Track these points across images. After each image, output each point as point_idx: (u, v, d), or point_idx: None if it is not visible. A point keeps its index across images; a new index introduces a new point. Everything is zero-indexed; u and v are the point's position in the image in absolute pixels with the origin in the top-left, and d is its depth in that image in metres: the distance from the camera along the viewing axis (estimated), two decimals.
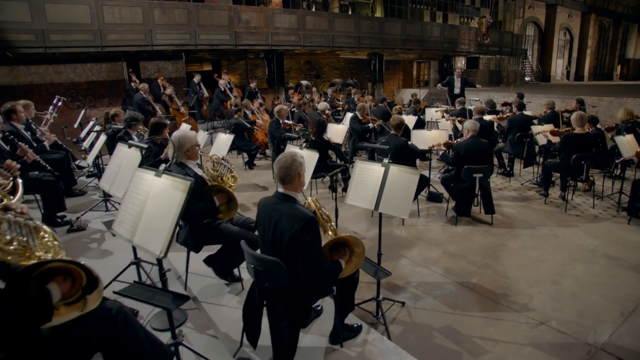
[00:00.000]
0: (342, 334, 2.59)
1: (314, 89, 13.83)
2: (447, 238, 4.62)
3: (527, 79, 25.55)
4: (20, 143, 4.27)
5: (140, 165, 2.38)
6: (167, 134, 4.35)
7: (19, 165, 2.79)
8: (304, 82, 15.56)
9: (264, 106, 11.00)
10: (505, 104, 9.39)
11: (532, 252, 4.25)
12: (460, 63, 21.78)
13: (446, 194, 5.51)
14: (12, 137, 4.28)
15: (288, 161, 2.21)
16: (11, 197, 2.39)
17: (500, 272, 3.86)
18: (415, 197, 5.24)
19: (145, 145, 2.68)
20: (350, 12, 17.24)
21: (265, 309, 2.39)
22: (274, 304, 2.28)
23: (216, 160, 3.18)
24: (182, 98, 12.10)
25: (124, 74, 12.80)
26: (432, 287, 3.63)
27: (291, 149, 4.12)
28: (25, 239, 1.58)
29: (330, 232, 2.39)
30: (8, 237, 1.52)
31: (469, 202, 5.05)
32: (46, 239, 1.66)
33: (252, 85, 12.15)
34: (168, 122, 4.68)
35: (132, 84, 10.69)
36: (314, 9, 16.53)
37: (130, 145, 2.85)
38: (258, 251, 2.41)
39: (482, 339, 2.94)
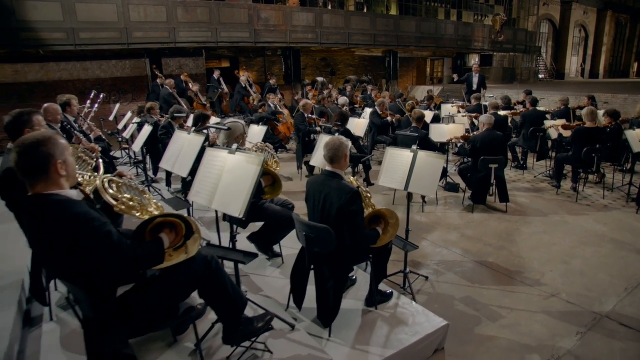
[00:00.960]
0: (376, 298, 2.97)
1: (330, 85, 14.20)
2: (465, 223, 4.97)
3: (541, 76, 25.55)
4: (76, 132, 4.72)
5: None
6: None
7: (100, 148, 3.22)
8: (320, 79, 15.90)
9: (283, 102, 11.42)
10: (518, 103, 9.63)
11: (544, 237, 4.58)
12: (474, 60, 21.92)
13: (462, 185, 5.85)
14: (69, 126, 4.72)
15: (337, 144, 2.60)
16: (95, 174, 2.82)
17: (514, 253, 4.20)
18: None
19: (227, 128, 3.06)
20: (365, 10, 17.51)
21: (312, 273, 2.78)
22: (321, 266, 2.67)
23: (261, 146, 3.58)
24: (202, 93, 12.56)
25: (146, 70, 13.31)
26: (452, 264, 3.99)
27: (325, 138, 4.51)
28: (139, 198, 1.99)
29: (369, 207, 2.77)
30: (128, 196, 1.93)
31: (484, 191, 5.39)
32: (152, 200, 2.07)
33: (272, 81, 12.57)
34: (210, 113, 5.10)
35: (158, 80, 11.14)
36: (330, 7, 16.85)
37: (209, 129, 3.26)
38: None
39: (499, 307, 3.30)
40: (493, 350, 2.82)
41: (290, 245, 3.72)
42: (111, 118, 8.21)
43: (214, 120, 6.93)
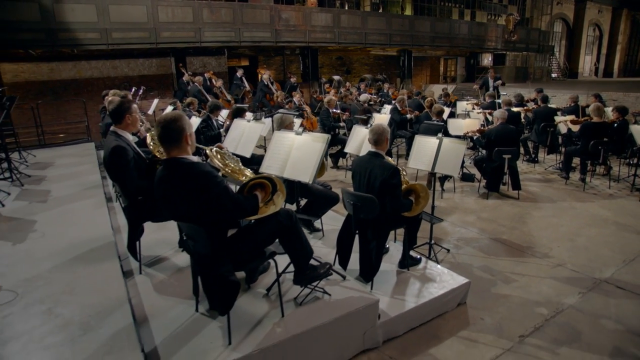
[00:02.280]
0: (408, 261, 3.52)
1: (347, 83, 14.74)
2: (480, 208, 5.50)
3: (553, 75, 25.76)
4: None
5: None
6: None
7: None
8: (336, 78, 16.42)
9: (303, 99, 11.99)
10: (529, 100, 10.08)
11: (553, 219, 5.10)
12: (487, 59, 22.27)
13: (478, 175, 6.36)
14: None
15: (380, 129, 3.16)
16: None
17: (525, 232, 4.73)
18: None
19: (297, 114, 3.65)
20: (380, 10, 17.99)
21: (357, 237, 3.34)
22: (365, 230, 3.23)
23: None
24: (226, 89, 13.17)
25: (171, 68, 13.95)
26: (470, 240, 4.53)
27: (358, 128, 5.11)
28: (237, 165, 2.57)
29: (404, 183, 3.33)
30: (229, 162, 2.51)
31: (498, 180, 5.91)
32: (244, 167, 2.66)
33: (292, 79, 13.16)
34: (247, 107, 5.71)
35: (184, 77, 11.73)
36: (346, 8, 17.36)
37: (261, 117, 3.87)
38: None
39: (512, 274, 3.83)
40: (507, 304, 3.36)
41: (329, 222, 4.28)
42: (150, 112, 8.85)
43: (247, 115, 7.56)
